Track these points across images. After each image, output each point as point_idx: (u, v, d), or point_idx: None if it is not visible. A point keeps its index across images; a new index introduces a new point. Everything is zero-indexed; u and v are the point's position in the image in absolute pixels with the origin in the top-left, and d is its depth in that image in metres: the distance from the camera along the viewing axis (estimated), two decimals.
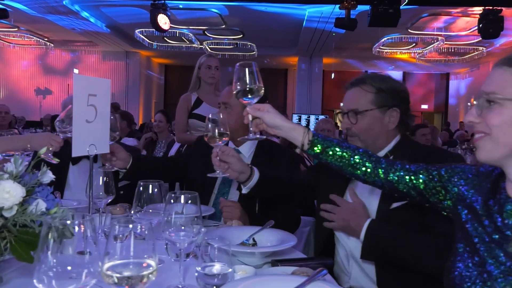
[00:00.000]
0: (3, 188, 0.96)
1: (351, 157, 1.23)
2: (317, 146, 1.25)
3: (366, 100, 1.54)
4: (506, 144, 0.93)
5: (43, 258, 0.72)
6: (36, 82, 14.01)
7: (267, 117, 1.29)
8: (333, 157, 1.25)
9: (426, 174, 1.15)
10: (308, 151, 1.27)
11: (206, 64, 3.24)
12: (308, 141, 1.26)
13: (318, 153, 1.26)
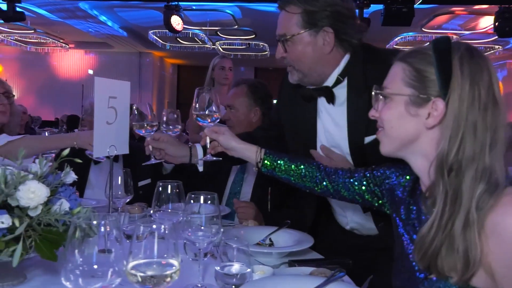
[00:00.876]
0: (29, 188, 0.99)
1: (300, 170, 1.26)
2: (268, 162, 1.29)
3: (292, 24, 1.36)
4: (397, 137, 0.96)
5: (70, 257, 0.74)
6: (52, 82, 14.23)
7: (222, 140, 1.34)
8: (284, 172, 1.28)
9: (365, 179, 1.18)
10: (262, 169, 1.31)
11: (220, 65, 3.26)
12: (259, 159, 1.29)
13: (271, 169, 1.29)
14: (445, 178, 0.86)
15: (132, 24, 10.75)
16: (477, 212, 0.82)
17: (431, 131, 0.92)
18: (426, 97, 0.91)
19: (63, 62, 14.31)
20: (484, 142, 0.84)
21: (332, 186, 1.23)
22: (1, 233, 0.94)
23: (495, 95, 0.87)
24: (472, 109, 0.85)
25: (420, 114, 0.92)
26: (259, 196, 1.90)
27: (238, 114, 1.99)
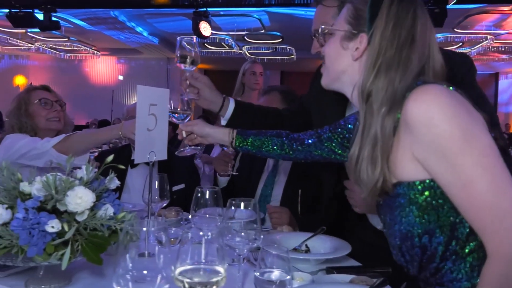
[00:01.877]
0: (76, 194, 1.02)
1: (270, 141, 1.37)
2: (239, 140, 1.39)
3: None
4: (332, 70, 1.10)
5: (121, 262, 0.76)
6: (84, 88, 14.68)
7: (197, 129, 1.45)
8: (256, 147, 1.39)
9: (331, 134, 1.28)
10: (236, 148, 1.41)
11: (250, 71, 3.28)
12: (232, 138, 1.39)
13: (244, 146, 1.39)
14: (363, 104, 0.98)
15: (161, 31, 10.97)
16: (388, 117, 0.92)
17: (356, 63, 1.03)
18: (356, 33, 1.02)
19: (94, 68, 14.75)
20: (395, 76, 0.94)
21: (303, 148, 1.33)
22: (51, 237, 0.98)
23: (415, 36, 0.96)
24: (391, 47, 0.95)
25: (349, 47, 1.04)
26: (289, 199, 1.90)
27: None
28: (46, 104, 2.04)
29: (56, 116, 2.05)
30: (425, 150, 0.87)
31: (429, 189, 0.89)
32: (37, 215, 0.98)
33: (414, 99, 0.88)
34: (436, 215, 0.89)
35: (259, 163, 2.09)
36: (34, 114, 2.01)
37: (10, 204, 1.01)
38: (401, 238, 0.93)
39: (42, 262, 0.97)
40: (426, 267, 0.93)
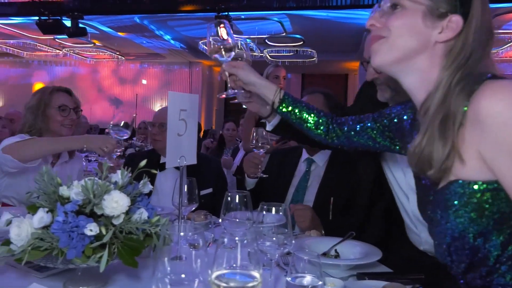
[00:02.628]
0: (112, 198, 1.05)
1: (313, 118, 1.31)
2: (285, 103, 1.31)
3: None
4: (400, 48, 0.95)
5: (159, 266, 0.78)
6: (109, 92, 15.01)
7: (242, 74, 1.34)
8: (298, 118, 1.32)
9: (374, 121, 1.23)
10: (278, 110, 1.33)
11: (274, 74, 3.29)
12: (279, 99, 1.31)
13: (285, 112, 1.32)
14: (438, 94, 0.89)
15: (184, 36, 11.12)
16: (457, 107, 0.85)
17: (436, 47, 0.93)
18: (444, 12, 0.91)
19: (119, 73, 15.06)
20: (477, 63, 0.89)
21: (343, 133, 1.28)
22: (89, 240, 1.01)
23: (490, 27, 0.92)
24: (480, 34, 0.90)
25: (435, 26, 0.92)
26: (321, 206, 1.89)
27: None
28: (64, 112, 2.09)
29: (69, 124, 2.10)
30: (496, 150, 0.81)
31: (491, 191, 0.84)
32: (76, 219, 1.01)
33: (489, 96, 0.82)
34: (495, 218, 0.84)
35: (289, 166, 2.09)
36: (51, 117, 2.07)
37: (50, 207, 1.05)
38: (452, 238, 0.89)
39: (80, 264, 1.00)
40: (476, 269, 0.89)
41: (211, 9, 7.72)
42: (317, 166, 2.04)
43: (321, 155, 2.04)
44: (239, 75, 1.34)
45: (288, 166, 2.12)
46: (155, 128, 2.25)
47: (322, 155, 2.04)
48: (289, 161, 2.14)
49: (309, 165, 2.06)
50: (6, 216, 1.07)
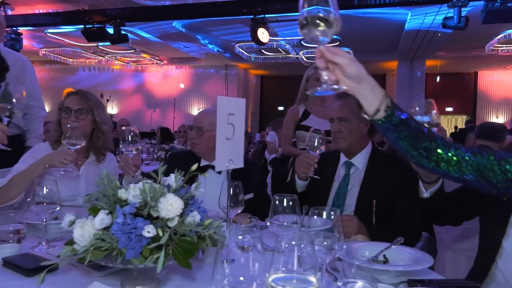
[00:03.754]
0: (167, 201, 1.09)
1: (430, 142, 1.04)
2: (391, 111, 1.04)
3: None
4: None
5: (218, 268, 0.80)
6: (148, 97, 15.45)
7: (350, 65, 1.00)
8: (410, 131, 1.05)
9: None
10: (380, 121, 1.06)
11: (314, 77, 3.27)
12: (386, 107, 1.04)
13: (395, 123, 1.05)
14: None
15: (220, 39, 11.28)
16: None
17: None
18: None
19: (157, 78, 15.48)
20: None
21: (467, 163, 1.05)
22: (146, 242, 1.05)
23: None
24: None
25: None
26: (363, 209, 1.87)
27: (350, 126, 1.97)
28: (65, 113, 2.10)
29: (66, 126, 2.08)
30: None
31: None
32: (134, 220, 1.05)
33: None
34: None
35: (328, 171, 2.07)
36: (61, 121, 2.12)
37: (109, 209, 1.10)
38: None
39: (138, 265, 1.04)
40: None
41: (247, 12, 7.80)
42: (356, 169, 2.01)
43: (360, 157, 2.01)
44: (346, 66, 1.00)
45: (327, 170, 2.09)
46: (193, 132, 2.23)
47: (361, 157, 2.01)
48: (328, 165, 2.11)
49: (348, 168, 2.03)
50: (69, 218, 1.13)
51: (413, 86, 13.03)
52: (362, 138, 2.01)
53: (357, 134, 1.99)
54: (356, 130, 1.98)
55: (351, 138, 1.98)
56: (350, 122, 1.97)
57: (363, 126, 2.00)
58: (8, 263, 1.26)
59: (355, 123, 1.97)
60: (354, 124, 1.97)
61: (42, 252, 1.44)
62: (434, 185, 1.53)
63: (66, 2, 8.59)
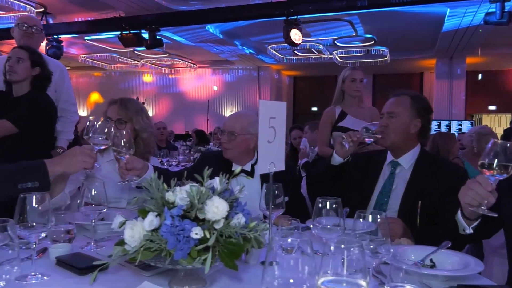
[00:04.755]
0: (213, 203, 1.11)
1: None
2: None
3: None
4: None
5: (268, 270, 0.80)
6: (182, 100, 15.75)
7: None
8: None
9: None
10: None
11: (350, 77, 3.24)
12: None
13: None
14: None
15: (253, 41, 11.34)
16: None
17: None
18: None
19: (191, 81, 15.75)
20: None
21: None
22: (194, 243, 1.07)
23: None
24: None
25: None
26: (407, 210, 1.83)
27: (397, 123, 1.97)
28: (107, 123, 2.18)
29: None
30: None
31: None
32: (181, 222, 1.08)
33: None
34: None
35: (373, 170, 2.04)
36: None
37: (158, 211, 1.14)
38: None
39: (186, 265, 1.07)
40: None
41: (280, 13, 7.80)
42: (402, 169, 1.98)
43: (407, 157, 1.98)
44: None
45: (372, 169, 2.08)
46: (225, 137, 2.19)
47: (408, 158, 1.98)
48: (373, 164, 2.10)
49: (394, 167, 2.01)
50: (119, 219, 1.18)
51: (453, 85, 12.59)
52: (409, 138, 1.98)
53: (403, 133, 1.97)
54: (403, 129, 1.97)
55: (396, 136, 1.96)
56: (398, 119, 1.96)
57: (412, 126, 1.98)
58: (61, 262, 1.32)
59: (403, 121, 1.96)
60: (402, 122, 1.96)
61: (91, 251, 1.50)
62: (477, 220, 1.43)
63: (104, 10, 8.91)
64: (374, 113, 3.30)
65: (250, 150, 2.21)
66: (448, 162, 2.03)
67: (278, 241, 0.85)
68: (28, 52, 2.52)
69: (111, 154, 2.21)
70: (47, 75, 2.61)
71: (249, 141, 2.17)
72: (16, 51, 2.53)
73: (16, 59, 2.48)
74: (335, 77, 3.38)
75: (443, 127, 11.41)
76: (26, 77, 2.51)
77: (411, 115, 1.98)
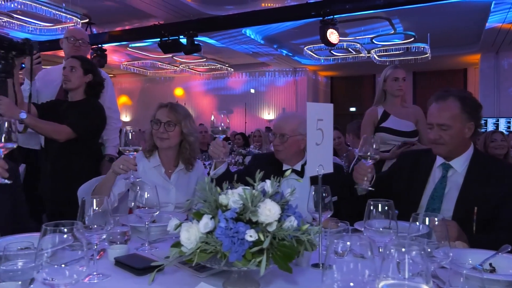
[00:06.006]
0: (265, 206, 1.13)
1: None
2: None
3: None
4: None
5: (329, 273, 0.81)
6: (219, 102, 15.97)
7: None
8: None
9: None
10: None
11: (392, 76, 3.17)
12: None
13: None
14: None
15: (289, 43, 11.33)
16: None
17: None
18: None
19: (228, 84, 15.94)
20: None
21: None
22: (248, 245, 1.09)
23: None
24: None
25: None
26: (462, 216, 1.74)
27: (451, 133, 1.82)
28: (156, 125, 2.23)
29: (160, 136, 2.20)
30: None
31: None
32: (235, 225, 1.10)
33: None
34: None
35: (422, 171, 1.95)
36: (152, 132, 2.25)
37: (212, 214, 1.16)
38: None
39: (241, 267, 1.09)
40: None
41: (316, 14, 7.75)
42: (455, 172, 1.88)
43: (460, 160, 1.88)
44: None
45: (421, 170, 1.98)
46: (277, 139, 2.24)
47: (461, 160, 1.88)
48: (421, 165, 1.99)
49: (445, 170, 1.90)
50: (174, 221, 1.22)
51: (500, 80, 11.99)
52: (464, 142, 1.87)
53: (459, 139, 1.85)
54: (458, 136, 1.84)
55: (453, 145, 1.85)
56: (451, 128, 1.82)
57: (466, 131, 1.85)
58: (119, 263, 1.38)
59: (457, 128, 1.82)
60: (456, 129, 1.82)
61: (145, 252, 1.56)
62: None
63: (144, 18, 9.20)
64: (419, 113, 3.21)
65: (300, 150, 2.25)
66: (506, 163, 1.92)
67: (337, 244, 0.86)
68: (80, 60, 2.66)
69: (157, 159, 2.28)
70: (99, 81, 2.73)
71: (299, 142, 2.21)
72: (70, 60, 2.68)
73: (70, 68, 2.62)
74: (373, 76, 3.33)
75: (490, 125, 10.90)
76: (79, 84, 2.64)
77: (464, 120, 1.84)
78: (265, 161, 2.36)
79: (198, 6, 8.64)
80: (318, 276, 1.27)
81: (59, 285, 0.85)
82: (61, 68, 2.75)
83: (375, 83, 14.33)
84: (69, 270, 0.86)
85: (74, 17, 7.80)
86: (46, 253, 0.84)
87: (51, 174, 2.61)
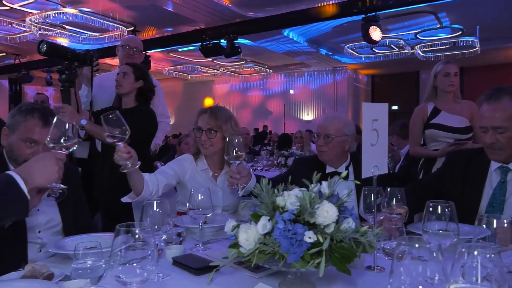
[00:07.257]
0: (323, 208, 1.13)
1: None
2: None
3: None
4: None
5: (395, 276, 0.80)
6: (258, 104, 16.07)
7: None
8: None
9: None
10: None
11: (443, 72, 3.06)
12: None
13: None
14: None
15: (329, 42, 11.20)
16: None
17: None
18: None
19: (267, 85, 15.99)
20: None
21: None
22: (306, 247, 1.10)
23: None
24: None
25: None
26: None
27: (509, 134, 1.70)
28: (198, 132, 2.23)
29: (203, 145, 2.21)
30: None
31: None
32: (293, 226, 1.11)
33: None
34: None
35: (477, 174, 1.85)
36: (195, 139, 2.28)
37: (269, 216, 1.18)
38: None
39: (300, 269, 1.10)
40: None
41: (358, 11, 7.62)
42: None
43: None
44: None
45: (475, 172, 1.86)
46: (321, 140, 2.21)
47: None
48: (475, 166, 1.87)
49: (504, 174, 1.78)
50: (232, 223, 1.24)
51: None
52: None
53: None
54: None
55: (509, 150, 1.73)
56: (508, 131, 1.70)
57: None
58: (177, 262, 1.42)
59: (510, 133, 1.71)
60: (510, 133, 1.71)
61: (199, 253, 1.59)
62: None
63: (185, 23, 9.42)
64: (474, 108, 3.06)
65: (345, 152, 2.21)
66: None
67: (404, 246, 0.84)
68: (132, 67, 2.78)
69: (204, 162, 2.31)
70: (150, 87, 2.83)
71: (344, 143, 2.18)
72: (123, 67, 2.81)
73: (122, 74, 2.74)
74: (416, 73, 3.22)
75: None
76: (131, 90, 2.75)
77: None
78: (308, 164, 2.33)
79: (238, 9, 8.73)
80: (375, 279, 1.26)
81: (132, 283, 0.89)
82: (115, 74, 2.89)
83: (419, 80, 13.85)
84: (139, 269, 0.91)
85: (120, 26, 8.12)
86: (120, 252, 0.88)
87: (109, 177, 2.71)
